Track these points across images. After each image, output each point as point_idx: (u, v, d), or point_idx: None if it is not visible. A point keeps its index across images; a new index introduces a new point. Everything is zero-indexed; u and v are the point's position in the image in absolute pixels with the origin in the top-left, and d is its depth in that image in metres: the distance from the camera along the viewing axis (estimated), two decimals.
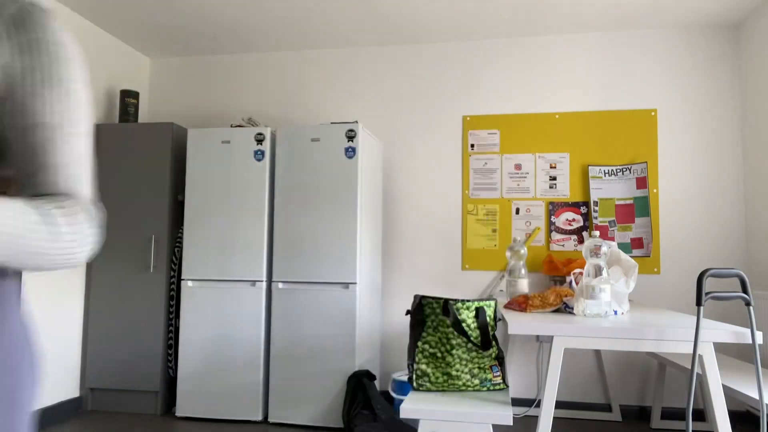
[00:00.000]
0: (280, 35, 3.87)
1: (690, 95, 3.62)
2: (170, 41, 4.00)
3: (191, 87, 4.27)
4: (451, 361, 2.05)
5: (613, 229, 3.59)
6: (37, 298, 3.25)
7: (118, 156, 3.69)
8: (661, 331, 1.79)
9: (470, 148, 3.83)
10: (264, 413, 3.34)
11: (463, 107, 3.87)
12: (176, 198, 3.68)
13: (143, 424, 3.32)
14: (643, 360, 3.53)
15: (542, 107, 3.78)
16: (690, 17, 3.51)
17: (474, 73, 3.88)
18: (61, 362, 3.43)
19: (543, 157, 3.74)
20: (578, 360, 3.59)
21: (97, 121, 3.77)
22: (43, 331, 3.29)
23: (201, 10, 3.50)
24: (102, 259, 3.63)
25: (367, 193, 3.47)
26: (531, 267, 3.68)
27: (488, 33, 3.78)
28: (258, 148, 3.43)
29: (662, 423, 3.36)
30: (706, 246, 3.52)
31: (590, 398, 3.56)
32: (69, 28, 3.51)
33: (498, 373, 2.10)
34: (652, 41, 3.68)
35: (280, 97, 4.13)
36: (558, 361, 1.87)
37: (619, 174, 3.62)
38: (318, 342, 3.24)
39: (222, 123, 4.19)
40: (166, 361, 3.54)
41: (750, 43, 3.44)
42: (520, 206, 3.73)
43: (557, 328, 1.86)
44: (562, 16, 3.51)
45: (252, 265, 3.37)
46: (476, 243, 3.76)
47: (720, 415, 1.76)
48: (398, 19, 3.59)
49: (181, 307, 3.46)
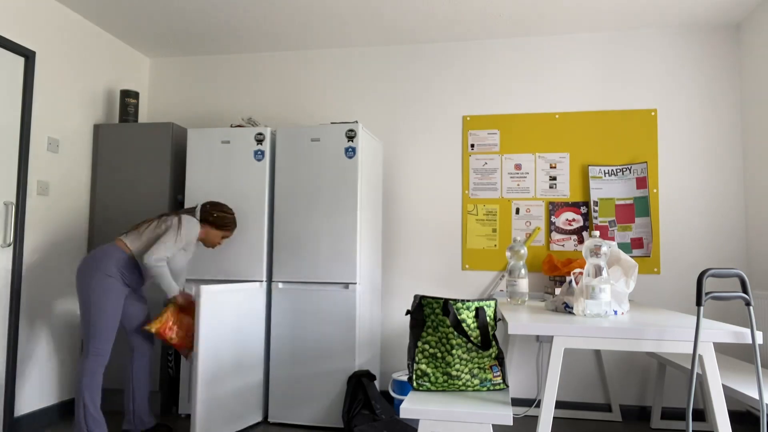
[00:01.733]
0: (280, 35, 3.87)
1: (690, 95, 3.62)
2: (170, 41, 4.00)
3: (191, 87, 4.27)
4: (451, 361, 2.04)
5: (613, 229, 3.59)
6: (37, 298, 3.25)
7: (118, 156, 3.68)
8: (661, 331, 1.79)
9: (470, 148, 3.83)
10: (264, 413, 3.34)
11: (463, 107, 3.87)
12: (176, 198, 3.68)
13: None
14: (643, 360, 3.53)
15: (542, 107, 3.78)
16: (690, 17, 3.51)
17: (474, 73, 3.88)
18: (61, 362, 3.42)
19: (543, 157, 3.74)
20: (578, 360, 3.59)
21: (96, 121, 3.77)
22: (42, 330, 3.29)
23: (201, 10, 3.50)
24: None
25: (367, 193, 3.47)
26: (531, 267, 3.68)
27: (488, 33, 3.78)
28: (258, 148, 3.43)
29: (662, 423, 3.36)
30: (706, 246, 3.52)
31: (590, 398, 3.56)
32: (69, 28, 3.51)
33: (498, 373, 2.10)
34: (652, 41, 3.68)
35: (280, 97, 4.13)
36: (558, 361, 1.87)
37: (619, 174, 3.62)
38: (318, 342, 3.24)
39: (222, 123, 4.19)
40: (166, 361, 3.54)
41: (750, 43, 3.44)
42: (520, 206, 3.73)
43: (557, 328, 1.86)
44: (562, 16, 3.51)
45: (252, 264, 3.37)
46: (476, 243, 3.76)
47: (720, 415, 1.76)
48: (398, 19, 3.59)
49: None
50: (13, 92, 3.09)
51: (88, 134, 3.70)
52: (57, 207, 3.42)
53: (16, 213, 3.09)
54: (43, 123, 3.29)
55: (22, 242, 3.12)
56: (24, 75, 3.16)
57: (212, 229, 3.08)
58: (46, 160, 3.33)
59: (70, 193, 3.52)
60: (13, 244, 3.07)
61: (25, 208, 3.13)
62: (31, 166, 3.20)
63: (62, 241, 3.45)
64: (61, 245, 3.45)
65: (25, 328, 3.16)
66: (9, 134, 3.07)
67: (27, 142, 3.15)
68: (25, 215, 3.15)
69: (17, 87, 3.12)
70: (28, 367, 3.18)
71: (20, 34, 3.14)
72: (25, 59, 3.16)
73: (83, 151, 3.65)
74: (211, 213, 3.07)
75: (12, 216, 3.06)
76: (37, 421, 3.22)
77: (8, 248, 3.05)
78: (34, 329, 3.22)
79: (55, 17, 3.40)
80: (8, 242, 3.04)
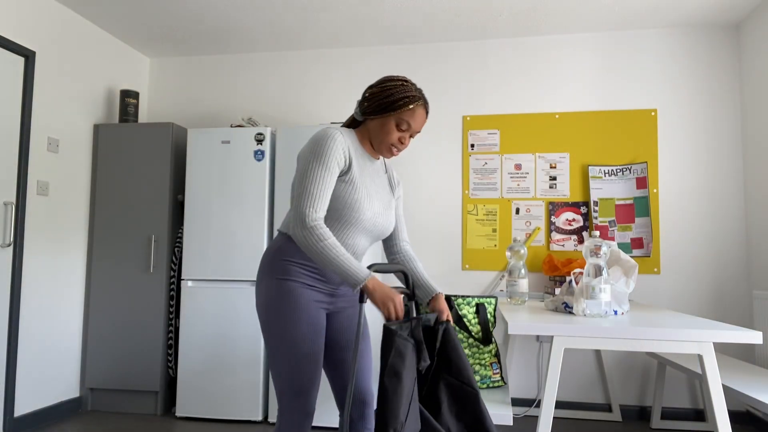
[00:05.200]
0: (280, 35, 3.87)
1: (690, 95, 3.62)
2: (170, 41, 4.00)
3: (191, 87, 4.27)
4: None
5: (613, 229, 3.59)
6: (37, 298, 3.25)
7: (118, 156, 3.68)
8: (661, 331, 1.79)
9: (470, 148, 3.83)
10: (264, 413, 3.34)
11: (463, 107, 3.87)
12: (176, 198, 3.68)
13: (143, 424, 3.32)
14: (643, 360, 3.53)
15: (542, 107, 3.78)
16: (690, 17, 3.51)
17: (474, 73, 3.88)
18: (61, 362, 3.43)
19: (543, 157, 3.73)
20: (578, 360, 3.59)
21: (96, 121, 3.77)
22: (42, 330, 3.29)
23: (201, 10, 3.49)
24: (102, 259, 3.63)
25: None
26: (531, 267, 3.68)
27: (488, 33, 3.78)
28: (258, 148, 3.43)
29: (662, 423, 3.36)
30: (706, 246, 3.52)
31: (590, 398, 3.56)
32: (69, 28, 3.51)
33: (497, 370, 2.11)
34: (652, 41, 3.68)
35: (280, 97, 4.13)
36: (558, 361, 1.87)
37: (619, 174, 3.62)
38: None
39: (222, 123, 4.19)
40: (166, 361, 3.54)
41: (750, 43, 3.44)
42: (520, 206, 3.73)
43: (557, 328, 1.86)
44: (562, 16, 3.51)
45: (252, 265, 3.37)
46: (476, 243, 3.76)
47: (720, 415, 1.76)
48: (398, 19, 3.59)
49: (181, 307, 3.46)
50: (13, 92, 3.09)
51: (88, 134, 3.70)
52: (57, 207, 3.42)
53: (16, 213, 3.09)
54: (43, 123, 3.29)
55: (22, 242, 3.12)
56: (24, 75, 3.16)
57: (375, 119, 1.66)
58: (46, 160, 3.32)
59: (70, 193, 3.52)
60: (13, 244, 3.07)
61: (25, 208, 3.13)
62: (31, 166, 3.20)
63: (62, 241, 3.45)
64: (61, 245, 3.44)
65: (25, 328, 3.15)
66: (9, 134, 3.06)
67: (27, 142, 3.15)
68: (25, 215, 3.15)
69: (17, 87, 3.12)
70: (28, 367, 3.18)
71: (20, 34, 3.14)
72: (25, 59, 3.16)
73: (83, 151, 3.65)
74: (364, 99, 1.69)
75: (12, 216, 3.06)
76: (37, 421, 3.22)
77: (8, 248, 3.05)
78: (34, 329, 3.22)
79: (55, 17, 3.40)
80: (8, 242, 3.04)
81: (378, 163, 1.76)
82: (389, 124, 1.62)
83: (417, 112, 1.62)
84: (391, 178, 1.82)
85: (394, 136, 1.63)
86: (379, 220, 1.67)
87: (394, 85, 1.62)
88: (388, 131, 1.62)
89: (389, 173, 1.83)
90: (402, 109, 1.59)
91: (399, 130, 1.63)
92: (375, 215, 1.64)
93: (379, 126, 1.64)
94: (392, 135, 1.62)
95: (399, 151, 1.68)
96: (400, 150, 1.67)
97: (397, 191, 1.83)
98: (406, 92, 1.61)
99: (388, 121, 1.62)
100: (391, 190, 1.80)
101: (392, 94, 1.60)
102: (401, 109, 1.60)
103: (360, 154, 1.68)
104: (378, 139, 1.65)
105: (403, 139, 1.65)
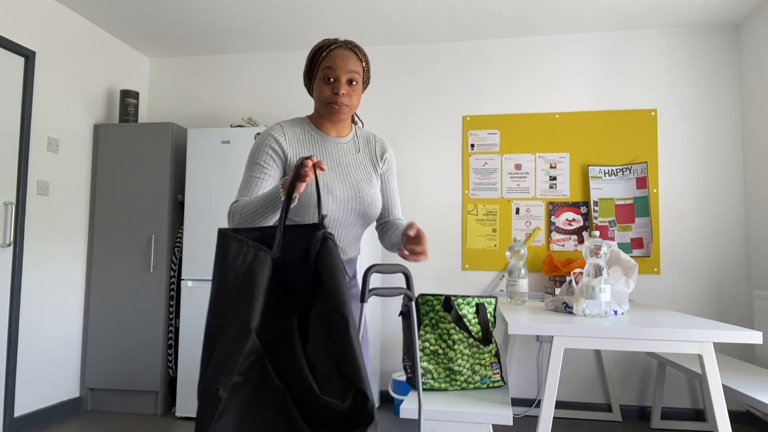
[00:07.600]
0: (280, 35, 3.87)
1: (690, 95, 3.62)
2: (170, 41, 4.00)
3: (191, 87, 4.27)
4: (453, 357, 2.05)
5: (613, 229, 3.59)
6: (37, 298, 3.25)
7: (118, 156, 3.68)
8: (661, 331, 1.79)
9: (470, 148, 3.83)
10: None
11: (463, 107, 3.87)
12: (176, 198, 3.68)
13: (143, 424, 3.32)
14: (643, 360, 3.53)
15: (542, 107, 3.78)
16: (690, 17, 3.51)
17: (474, 73, 3.88)
18: (61, 362, 3.43)
19: (543, 157, 3.74)
20: (578, 360, 3.59)
21: (96, 121, 3.77)
22: (42, 331, 3.29)
23: (201, 10, 3.49)
24: (102, 259, 3.63)
25: None
26: (531, 267, 3.68)
27: (488, 33, 3.78)
28: None
29: (662, 423, 3.36)
30: (706, 246, 3.52)
31: (590, 398, 3.56)
32: (69, 28, 3.51)
33: (497, 370, 2.11)
34: (652, 41, 3.68)
35: (280, 97, 4.13)
36: (558, 361, 1.87)
37: (619, 174, 3.62)
38: None
39: (222, 123, 4.19)
40: (166, 361, 3.54)
41: (750, 43, 3.44)
42: (520, 206, 3.73)
43: (557, 328, 1.86)
44: (562, 15, 3.51)
45: None
46: (476, 243, 3.76)
47: (720, 415, 1.76)
48: (398, 19, 3.59)
49: (181, 307, 3.46)
50: (13, 92, 3.09)
51: (88, 134, 3.70)
52: (57, 207, 3.42)
53: (16, 213, 3.09)
54: (43, 123, 3.29)
55: (22, 242, 3.12)
56: (24, 75, 3.16)
57: (312, 89, 1.63)
58: (46, 160, 3.32)
59: (70, 193, 3.52)
60: (13, 244, 3.07)
61: (25, 208, 3.13)
62: (31, 166, 3.20)
63: (62, 241, 3.45)
64: (61, 245, 3.44)
65: (25, 328, 3.15)
66: (9, 134, 3.07)
67: (27, 142, 3.15)
68: (25, 215, 3.15)
69: (17, 87, 3.12)
70: (28, 367, 3.18)
71: (20, 34, 3.14)
72: (25, 59, 3.16)
73: (83, 151, 3.65)
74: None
75: (12, 216, 3.06)
76: (37, 421, 3.22)
77: (8, 248, 3.05)
78: (34, 329, 3.22)
79: (55, 17, 3.40)
80: (8, 242, 3.04)
81: (347, 141, 1.64)
82: (318, 83, 1.55)
83: (334, 54, 1.53)
84: (373, 153, 1.67)
85: (325, 92, 1.53)
86: (353, 204, 1.56)
87: (312, 49, 1.58)
88: (320, 90, 1.54)
89: (371, 147, 1.68)
90: (319, 62, 1.54)
91: (327, 83, 1.53)
92: (345, 201, 1.54)
93: (314, 92, 1.58)
94: (323, 91, 1.53)
95: (343, 107, 1.54)
96: (340, 104, 1.53)
97: (382, 166, 1.68)
98: (319, 46, 1.56)
99: (317, 81, 1.56)
100: (373, 167, 1.66)
101: (310, 57, 1.57)
102: (319, 63, 1.54)
103: (310, 138, 1.59)
104: (318, 104, 1.57)
105: (336, 89, 1.52)
